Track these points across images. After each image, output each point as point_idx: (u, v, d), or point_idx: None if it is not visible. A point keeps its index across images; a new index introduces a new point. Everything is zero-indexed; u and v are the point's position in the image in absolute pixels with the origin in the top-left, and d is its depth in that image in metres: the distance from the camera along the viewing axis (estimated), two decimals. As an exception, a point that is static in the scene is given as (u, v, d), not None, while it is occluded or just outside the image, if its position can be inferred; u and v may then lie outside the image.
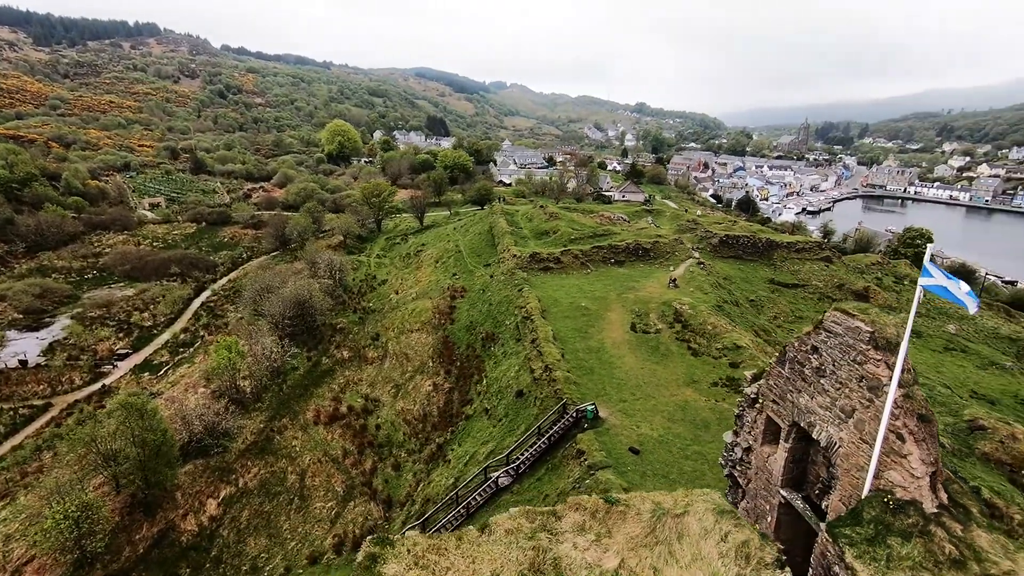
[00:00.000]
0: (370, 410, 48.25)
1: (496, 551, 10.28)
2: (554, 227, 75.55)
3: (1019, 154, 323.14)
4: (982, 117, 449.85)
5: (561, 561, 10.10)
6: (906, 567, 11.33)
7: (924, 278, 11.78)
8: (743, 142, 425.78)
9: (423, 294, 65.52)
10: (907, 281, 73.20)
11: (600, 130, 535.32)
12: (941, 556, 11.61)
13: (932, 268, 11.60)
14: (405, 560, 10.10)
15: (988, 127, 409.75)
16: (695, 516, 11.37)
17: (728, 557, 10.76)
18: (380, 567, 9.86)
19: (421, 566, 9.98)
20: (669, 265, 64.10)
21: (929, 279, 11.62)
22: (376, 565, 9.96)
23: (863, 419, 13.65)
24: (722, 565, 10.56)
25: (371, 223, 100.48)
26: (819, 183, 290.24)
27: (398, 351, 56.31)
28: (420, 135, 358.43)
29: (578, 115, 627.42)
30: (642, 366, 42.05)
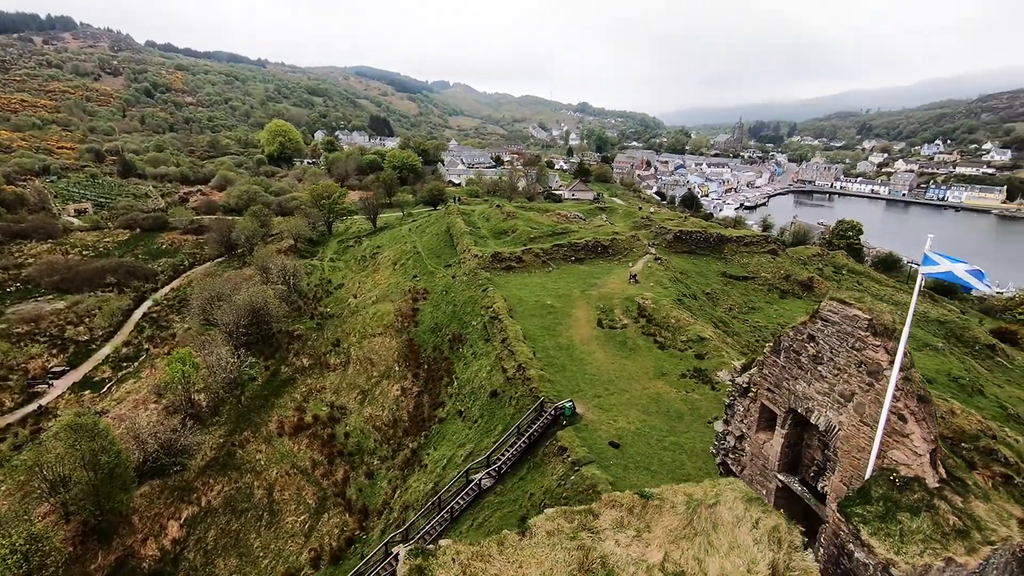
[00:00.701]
0: (337, 418, 46.86)
1: (542, 553, 10.18)
2: (512, 226, 75.71)
3: (930, 150, 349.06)
4: (896, 116, 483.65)
5: (608, 559, 10.11)
6: (918, 540, 12.01)
7: (926, 266, 12.47)
8: (682, 141, 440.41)
9: (383, 297, 64.22)
10: (845, 271, 77.66)
11: (544, 129, 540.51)
12: (947, 527, 12.38)
13: (934, 256, 12.30)
14: (452, 570, 9.86)
15: (902, 125, 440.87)
16: (726, 505, 11.64)
17: (762, 543, 11.09)
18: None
19: (469, 575, 9.76)
20: (628, 261, 65.48)
21: (932, 267, 12.30)
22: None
23: (863, 402, 14.36)
24: (758, 551, 10.86)
25: (322, 226, 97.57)
26: (754, 179, 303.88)
27: (361, 356, 54.97)
28: (363, 135, 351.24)
29: (522, 115, 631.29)
30: (612, 361, 42.77)
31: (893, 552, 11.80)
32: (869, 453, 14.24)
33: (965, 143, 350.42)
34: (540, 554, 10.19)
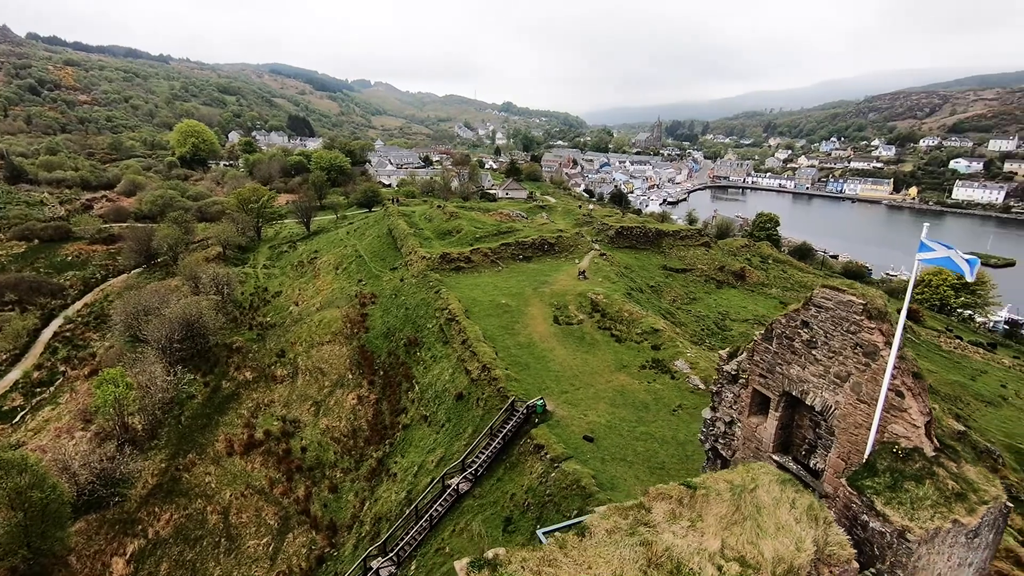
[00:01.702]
0: (291, 432, 44.64)
1: (607, 552, 10.16)
2: (456, 226, 75.08)
3: (827, 147, 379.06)
4: (797, 116, 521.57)
5: (672, 552, 10.25)
6: (927, 506, 13.01)
7: (922, 252, 13.51)
8: (605, 139, 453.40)
9: (328, 303, 61.82)
10: (770, 260, 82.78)
11: (470, 129, 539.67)
12: (947, 492, 13.49)
13: (931, 243, 13.35)
14: (529, 573, 9.63)
15: (802, 124, 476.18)
16: (763, 488, 12.11)
17: (802, 522, 11.63)
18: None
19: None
20: (574, 258, 66.65)
21: (929, 253, 13.35)
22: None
23: (860, 382, 15.37)
24: (800, 530, 11.38)
25: (251, 231, 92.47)
26: (674, 176, 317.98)
27: (310, 366, 52.68)
28: (282, 136, 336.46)
29: (447, 114, 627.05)
30: (573, 357, 43.40)
31: (907, 519, 12.71)
32: (867, 429, 15.28)
33: (857, 140, 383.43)
34: (606, 553, 10.17)
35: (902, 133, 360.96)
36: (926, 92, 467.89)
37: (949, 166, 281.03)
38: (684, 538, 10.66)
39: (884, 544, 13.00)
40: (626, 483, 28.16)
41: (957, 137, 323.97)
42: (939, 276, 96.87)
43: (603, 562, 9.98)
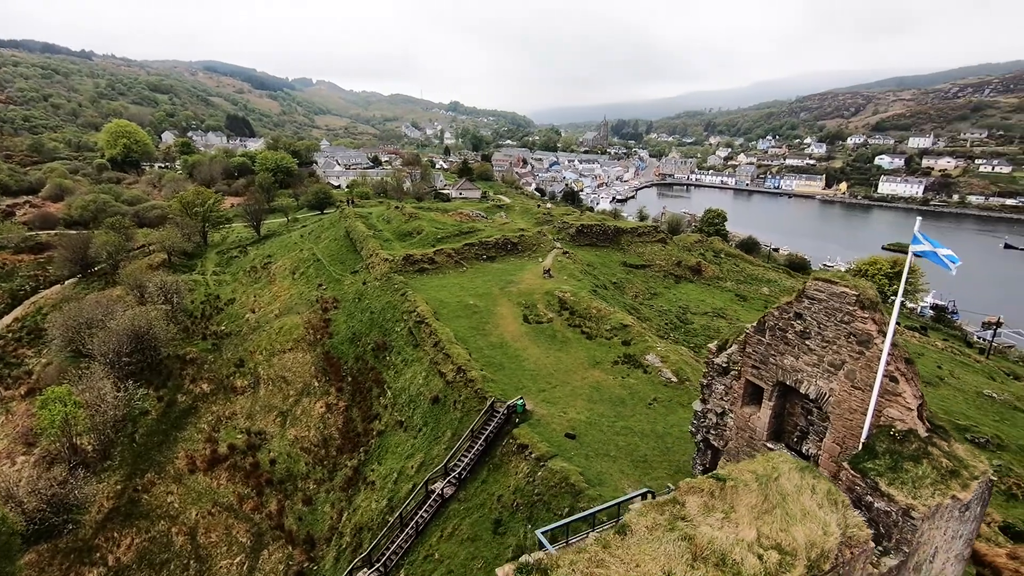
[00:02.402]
0: (257, 445, 42.87)
1: (652, 549, 10.24)
2: (417, 227, 74.07)
3: (764, 145, 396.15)
4: (735, 115, 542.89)
5: (713, 544, 10.43)
6: (928, 484, 13.79)
7: (915, 245, 14.28)
8: (554, 139, 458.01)
9: (288, 309, 59.71)
10: (723, 254, 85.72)
11: (418, 128, 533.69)
12: (943, 470, 14.34)
13: (921, 237, 14.12)
14: (583, 574, 9.58)
15: (740, 123, 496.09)
16: (785, 477, 12.50)
17: (824, 507, 12.08)
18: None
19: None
20: (537, 257, 66.99)
21: (919, 246, 14.12)
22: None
23: (854, 369, 16.13)
24: (824, 515, 11.83)
25: (196, 237, 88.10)
26: (622, 174, 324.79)
27: (273, 375, 50.78)
28: (220, 136, 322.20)
29: (393, 113, 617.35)
30: (547, 355, 43.62)
31: (911, 497, 13.44)
32: (861, 414, 16.05)
33: (790, 138, 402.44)
34: (651, 550, 10.25)
35: (831, 132, 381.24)
36: (851, 93, 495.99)
37: (874, 162, 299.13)
38: (721, 530, 10.87)
39: (890, 523, 13.69)
40: (612, 478, 28.51)
41: (880, 135, 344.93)
42: (874, 266, 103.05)
43: (650, 559, 10.05)
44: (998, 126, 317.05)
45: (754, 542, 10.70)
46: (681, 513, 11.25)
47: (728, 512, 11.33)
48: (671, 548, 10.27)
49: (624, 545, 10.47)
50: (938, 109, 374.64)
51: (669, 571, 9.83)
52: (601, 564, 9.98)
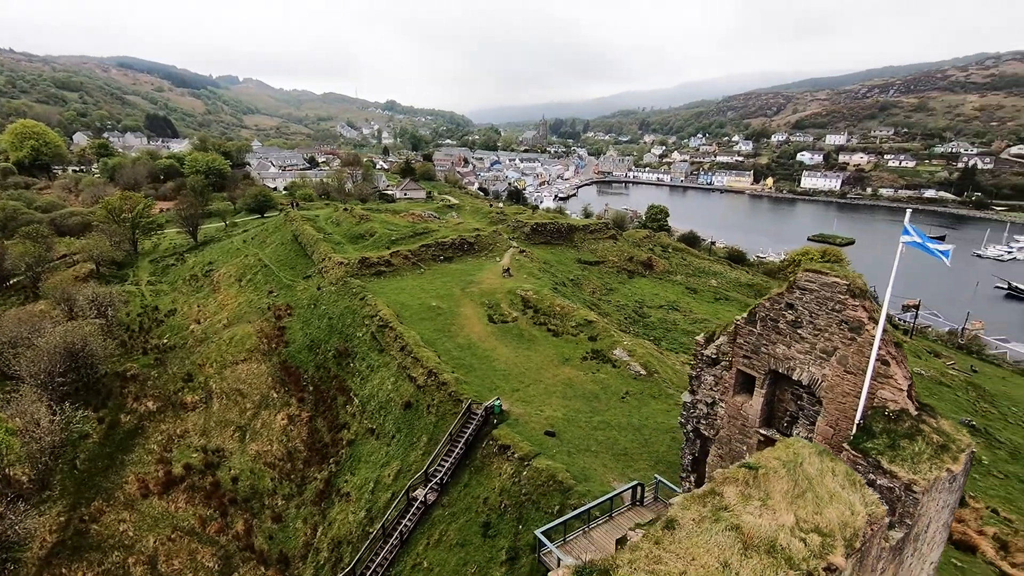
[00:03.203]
0: (215, 463, 40.53)
1: (706, 541, 10.38)
2: (369, 229, 72.28)
3: (695, 143, 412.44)
4: (667, 114, 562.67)
5: (759, 531, 10.69)
6: (925, 460, 14.72)
7: (905, 236, 15.16)
8: (494, 138, 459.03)
9: (237, 319, 56.81)
10: (670, 249, 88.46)
11: (354, 128, 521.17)
12: (935, 445, 15.34)
13: (911, 228, 15.01)
14: (643, 573, 9.56)
15: (672, 122, 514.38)
16: (807, 461, 12.99)
17: (847, 488, 12.66)
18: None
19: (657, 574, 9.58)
20: (495, 256, 66.85)
21: (909, 237, 15.01)
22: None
23: (846, 355, 16.98)
24: (848, 495, 12.39)
25: (126, 244, 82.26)
26: (563, 172, 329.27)
27: (226, 388, 48.19)
28: (140, 137, 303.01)
29: (327, 113, 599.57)
30: (516, 354, 43.61)
31: (912, 473, 14.30)
32: (854, 397, 16.93)
33: (719, 136, 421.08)
34: (703, 542, 10.38)
35: (756, 130, 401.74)
36: (772, 93, 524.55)
37: (796, 159, 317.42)
38: (762, 517, 11.16)
39: (893, 498, 14.50)
40: (597, 473, 28.83)
41: (800, 133, 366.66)
42: (806, 257, 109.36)
43: (704, 552, 10.18)
44: (902, 124, 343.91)
45: (794, 527, 11.06)
46: (722, 504, 11.47)
47: (764, 499, 11.66)
48: (721, 539, 10.45)
49: (675, 540, 10.56)
50: (850, 108, 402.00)
51: (725, 562, 9.99)
52: (659, 561, 10.02)
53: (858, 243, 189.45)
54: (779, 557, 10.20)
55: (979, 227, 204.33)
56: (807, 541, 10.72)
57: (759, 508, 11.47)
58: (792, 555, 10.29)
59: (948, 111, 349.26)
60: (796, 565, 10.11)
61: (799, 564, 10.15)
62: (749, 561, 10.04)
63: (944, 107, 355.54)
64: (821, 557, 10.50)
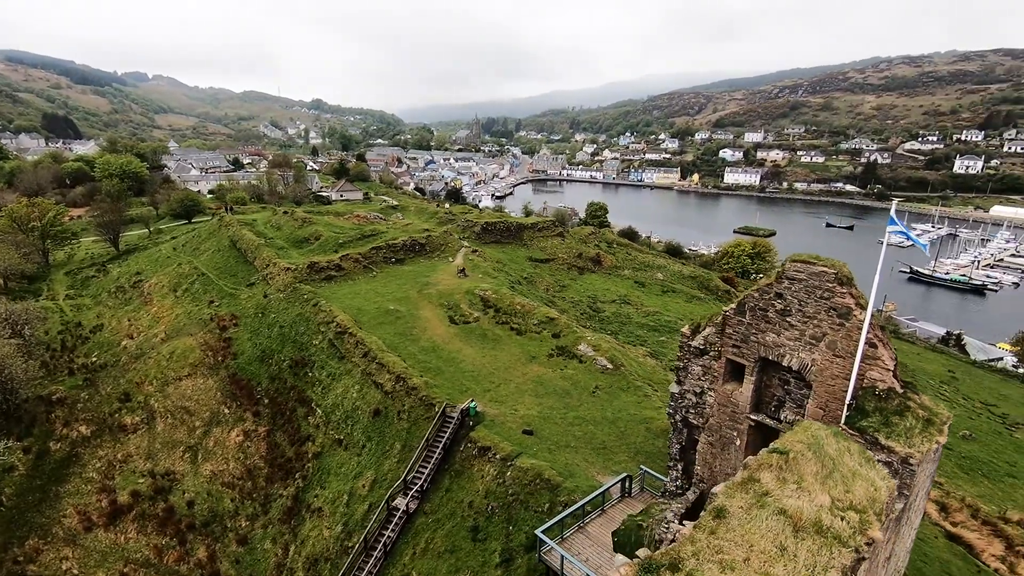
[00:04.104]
0: (166, 487, 37.74)
1: (758, 527, 10.67)
2: (313, 232, 69.57)
3: (625, 141, 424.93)
4: (596, 113, 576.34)
5: (803, 513, 11.11)
6: (917, 433, 15.80)
7: (891, 226, 16.20)
8: (427, 137, 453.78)
9: (176, 332, 53.14)
10: (615, 244, 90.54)
11: (278, 128, 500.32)
12: (922, 419, 16.49)
13: (896, 219, 16.05)
14: (711, 567, 9.70)
15: (602, 121, 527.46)
16: (827, 444, 13.62)
17: (865, 465, 13.40)
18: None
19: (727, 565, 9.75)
20: (447, 257, 66.09)
21: (894, 227, 16.05)
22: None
23: (835, 340, 17.94)
24: (867, 472, 13.12)
25: (36, 256, 74.96)
26: (498, 171, 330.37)
27: (170, 407, 45.01)
28: (37, 138, 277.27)
29: (249, 112, 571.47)
30: (482, 355, 43.31)
31: (908, 447, 15.32)
32: (844, 379, 17.92)
33: (647, 135, 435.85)
34: (756, 528, 10.67)
35: (681, 128, 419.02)
36: (694, 93, 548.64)
37: (719, 155, 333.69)
38: (800, 499, 11.61)
39: (892, 472, 15.50)
40: (580, 468, 29.11)
41: (721, 131, 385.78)
42: (738, 248, 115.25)
43: (759, 537, 10.47)
44: (811, 122, 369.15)
45: (831, 506, 11.58)
46: (762, 489, 11.83)
47: (799, 482, 12.13)
48: (772, 524, 10.78)
49: (729, 527, 10.80)
50: (765, 108, 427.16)
51: (781, 545, 10.31)
52: (721, 550, 10.20)
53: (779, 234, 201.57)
54: (828, 536, 10.64)
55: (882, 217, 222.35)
56: (846, 519, 11.25)
57: (796, 491, 11.92)
58: (839, 533, 10.76)
59: (850, 110, 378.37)
60: (845, 542, 10.58)
61: (847, 541, 10.63)
62: (803, 543, 10.41)
63: (846, 107, 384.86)
64: (863, 533, 11.04)
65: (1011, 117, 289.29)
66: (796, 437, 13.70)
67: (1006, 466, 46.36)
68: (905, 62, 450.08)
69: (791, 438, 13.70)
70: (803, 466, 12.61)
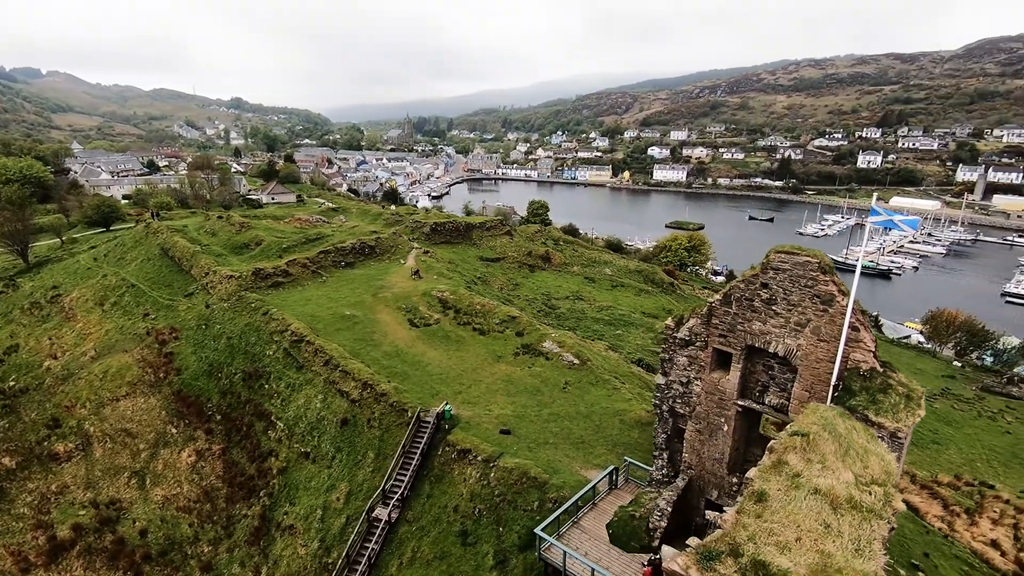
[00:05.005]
0: (113, 517, 34.77)
1: (801, 506, 11.16)
2: (253, 237, 66.19)
3: (557, 140, 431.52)
4: (527, 112, 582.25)
5: (835, 490, 11.71)
6: (902, 409, 17.00)
7: (872, 217, 17.31)
8: (357, 137, 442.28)
9: (108, 349, 49.09)
10: (561, 241, 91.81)
11: (195, 128, 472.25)
12: (902, 395, 17.76)
13: (878, 207, 17.17)
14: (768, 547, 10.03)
15: (533, 120, 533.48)
16: (837, 424, 14.40)
17: (871, 442, 14.31)
18: (767, 559, 9.59)
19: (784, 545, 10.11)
20: (398, 259, 64.76)
21: (877, 217, 17.17)
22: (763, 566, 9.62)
23: (819, 325, 18.99)
24: (875, 447, 14.00)
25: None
26: (433, 171, 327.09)
27: (108, 430, 41.57)
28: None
29: (161, 111, 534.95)
30: (448, 357, 42.78)
31: (896, 422, 16.46)
32: (828, 362, 18.99)
33: (578, 133, 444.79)
34: (798, 508, 11.15)
35: (610, 127, 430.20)
36: (620, 92, 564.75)
37: (648, 153, 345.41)
38: (828, 477, 12.24)
39: (884, 446, 16.61)
40: (562, 464, 29.35)
41: (649, 129, 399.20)
42: (675, 242, 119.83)
43: (803, 515, 10.95)
44: (730, 121, 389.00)
45: (855, 482, 12.28)
46: (793, 471, 12.37)
47: (823, 461, 12.78)
48: (812, 503, 11.30)
49: (773, 510, 11.21)
50: (687, 107, 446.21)
51: (825, 523, 10.83)
52: (772, 532, 10.57)
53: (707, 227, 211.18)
54: (863, 511, 11.28)
55: (798, 209, 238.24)
56: (873, 493, 11.96)
57: (821, 470, 12.55)
58: (872, 507, 11.42)
59: (764, 109, 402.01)
60: (879, 515, 11.25)
61: (880, 513, 11.31)
62: (843, 519, 10.98)
63: (761, 106, 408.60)
64: (889, 504, 11.78)
65: (903, 116, 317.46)
66: (809, 419, 14.42)
67: (930, 434, 50.88)
68: (811, 64, 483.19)
69: (805, 420, 14.40)
70: (823, 446, 13.29)
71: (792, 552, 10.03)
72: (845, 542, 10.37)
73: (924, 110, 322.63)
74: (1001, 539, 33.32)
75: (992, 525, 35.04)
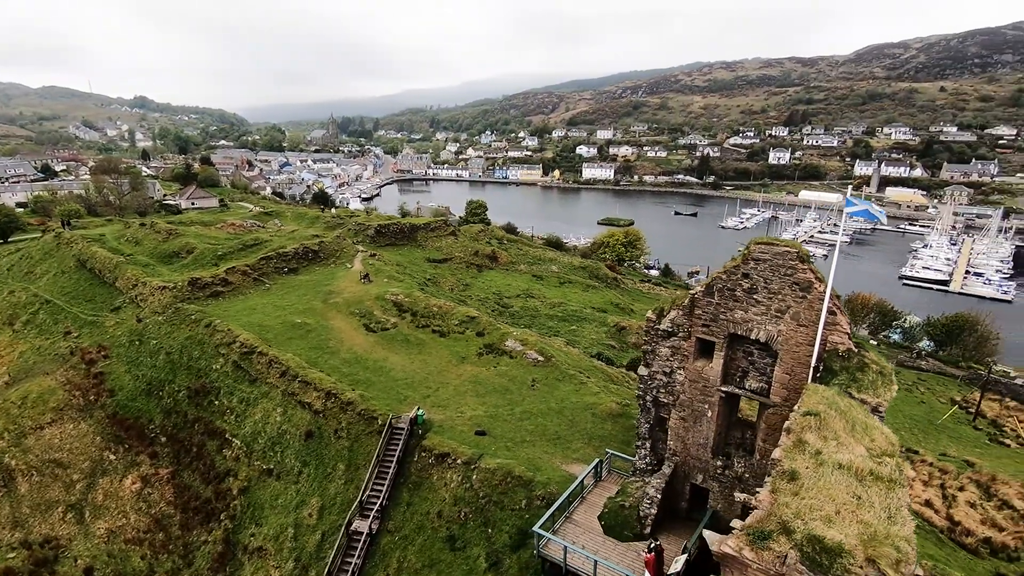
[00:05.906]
0: (50, 557, 31.47)
1: (831, 480, 11.79)
2: (184, 245, 61.95)
3: (486, 139, 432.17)
4: (455, 112, 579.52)
5: (855, 464, 12.46)
6: (880, 386, 18.31)
7: (848, 207, 18.51)
8: (278, 138, 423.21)
9: (25, 373, 44.40)
10: (505, 240, 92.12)
11: (94, 129, 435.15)
12: (877, 372, 19.15)
13: (854, 199, 18.39)
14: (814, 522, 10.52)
15: (461, 120, 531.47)
16: (839, 402, 15.30)
17: (870, 417, 15.30)
18: (819, 534, 10.07)
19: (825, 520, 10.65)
20: (344, 263, 62.66)
21: (852, 207, 18.39)
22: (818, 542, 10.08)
23: (798, 311, 20.16)
24: (873, 422, 14.99)
25: None
26: (362, 172, 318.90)
27: (33, 462, 37.63)
28: None
29: (52, 111, 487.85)
30: (411, 361, 41.93)
31: (876, 398, 17.73)
32: (808, 346, 20.21)
33: (507, 133, 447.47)
34: (830, 482, 11.78)
35: (538, 126, 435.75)
36: (546, 92, 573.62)
37: (576, 152, 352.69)
38: (845, 453, 13.00)
39: (867, 420, 17.85)
40: (544, 461, 29.49)
41: (576, 129, 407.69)
42: (613, 238, 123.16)
43: (835, 490, 11.59)
44: (652, 120, 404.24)
45: (870, 455, 13.12)
46: (813, 449, 13.04)
47: (837, 437, 13.56)
48: (839, 477, 11.97)
49: (806, 487, 11.78)
50: (611, 107, 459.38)
51: (855, 494, 11.51)
52: (812, 508, 11.11)
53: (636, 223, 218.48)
54: (885, 481, 12.07)
55: (719, 204, 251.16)
56: (886, 464, 12.83)
57: (837, 446, 13.32)
58: (891, 477, 12.24)
59: (683, 109, 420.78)
60: (899, 483, 12.08)
61: (900, 482, 12.14)
62: (871, 489, 11.70)
63: (680, 106, 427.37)
64: (902, 473, 12.68)
65: (807, 115, 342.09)
66: (814, 399, 15.25)
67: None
68: (723, 67, 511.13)
69: (811, 400, 15.22)
70: (833, 423, 14.10)
71: (837, 525, 10.58)
72: (879, 512, 11.06)
73: (824, 110, 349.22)
74: (933, 499, 36.64)
75: (923, 487, 38.50)
